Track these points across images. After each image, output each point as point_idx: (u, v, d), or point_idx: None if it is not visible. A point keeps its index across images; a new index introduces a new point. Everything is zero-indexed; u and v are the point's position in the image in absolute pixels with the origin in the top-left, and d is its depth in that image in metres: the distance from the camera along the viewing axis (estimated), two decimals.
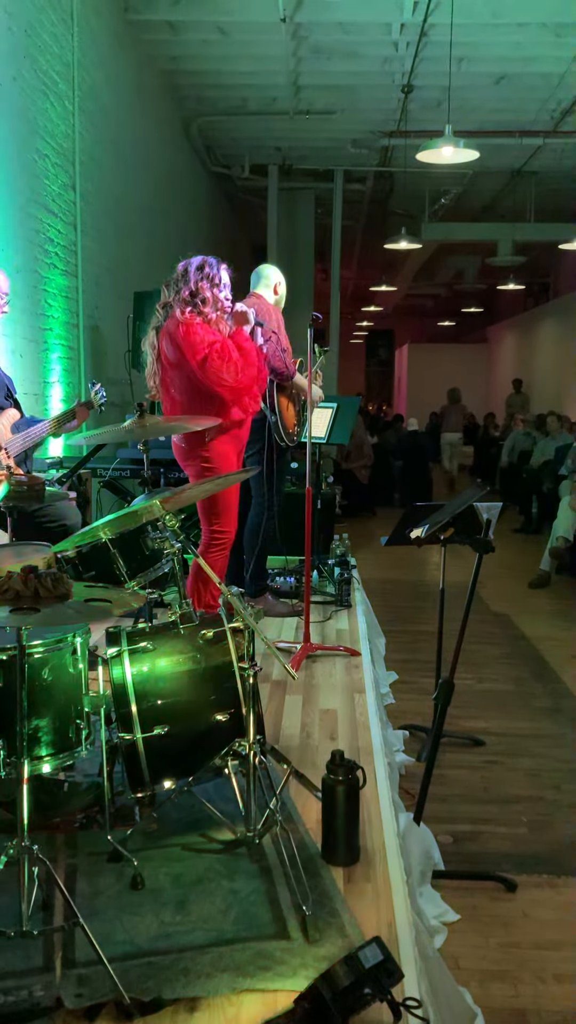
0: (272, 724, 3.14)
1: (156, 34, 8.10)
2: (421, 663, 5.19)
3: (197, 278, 3.62)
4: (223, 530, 3.81)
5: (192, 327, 3.58)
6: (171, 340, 3.63)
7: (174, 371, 3.68)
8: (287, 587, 4.96)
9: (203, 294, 3.61)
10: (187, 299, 3.62)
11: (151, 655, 2.38)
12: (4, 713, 2.06)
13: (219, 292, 3.65)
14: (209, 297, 3.62)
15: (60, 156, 6.11)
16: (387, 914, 2.03)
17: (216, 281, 3.64)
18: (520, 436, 12.93)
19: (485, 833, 3.38)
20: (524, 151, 11.05)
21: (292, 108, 9.97)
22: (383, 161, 11.76)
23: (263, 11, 7.49)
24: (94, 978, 1.78)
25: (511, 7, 7.42)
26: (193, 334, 3.57)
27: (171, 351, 3.64)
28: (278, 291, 4.52)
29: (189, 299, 3.61)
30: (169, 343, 3.64)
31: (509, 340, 21.59)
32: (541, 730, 4.43)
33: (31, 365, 5.67)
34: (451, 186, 12.66)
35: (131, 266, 7.99)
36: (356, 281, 21.24)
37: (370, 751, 2.95)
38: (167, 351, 3.66)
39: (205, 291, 3.61)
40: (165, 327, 3.67)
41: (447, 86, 7.75)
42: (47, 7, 5.76)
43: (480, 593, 7.04)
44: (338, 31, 8.01)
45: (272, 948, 1.89)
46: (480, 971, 2.55)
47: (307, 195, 13.37)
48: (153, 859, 2.23)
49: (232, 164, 12.18)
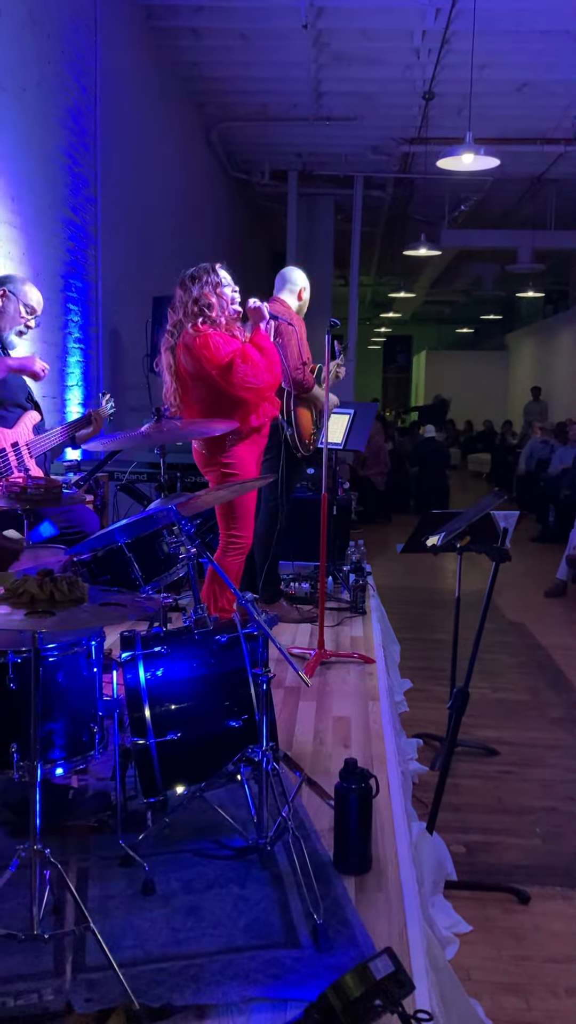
0: (285, 731, 3.13)
1: (178, 40, 8.14)
2: (435, 671, 5.17)
3: (198, 287, 3.63)
4: (241, 535, 3.82)
5: (209, 337, 3.58)
6: (189, 352, 3.63)
7: (193, 383, 3.69)
8: (302, 593, 4.95)
9: (207, 299, 3.61)
10: (195, 312, 3.62)
11: (165, 659, 2.38)
12: (18, 716, 2.06)
13: (223, 291, 3.66)
14: (214, 302, 3.62)
15: (81, 161, 6.14)
16: (399, 924, 2.02)
17: (216, 282, 3.64)
18: (538, 444, 12.88)
19: (498, 844, 3.36)
20: (545, 158, 11.01)
21: (313, 114, 9.99)
22: (403, 167, 11.75)
23: (285, 18, 7.51)
24: (104, 983, 1.77)
25: (533, 15, 7.40)
26: (212, 344, 3.57)
27: (190, 363, 3.65)
28: (302, 297, 4.50)
29: (197, 312, 3.62)
30: (188, 355, 3.64)
31: (528, 347, 21.52)
32: (556, 740, 4.40)
33: (50, 369, 5.69)
34: (471, 193, 12.64)
35: (150, 271, 8.02)
36: (375, 287, 21.25)
37: (383, 759, 2.94)
38: (185, 363, 3.67)
39: (209, 296, 3.61)
40: (181, 341, 3.67)
41: (468, 93, 7.73)
42: (71, 13, 5.80)
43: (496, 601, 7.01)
44: (360, 38, 8.02)
45: (282, 956, 1.88)
46: (492, 984, 2.53)
47: (327, 201, 13.38)
48: (164, 864, 2.23)
49: (252, 170, 12.22)
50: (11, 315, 3.50)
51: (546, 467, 11.68)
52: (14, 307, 3.49)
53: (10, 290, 3.46)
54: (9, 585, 1.93)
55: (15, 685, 2.11)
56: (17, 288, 3.48)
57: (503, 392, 23.33)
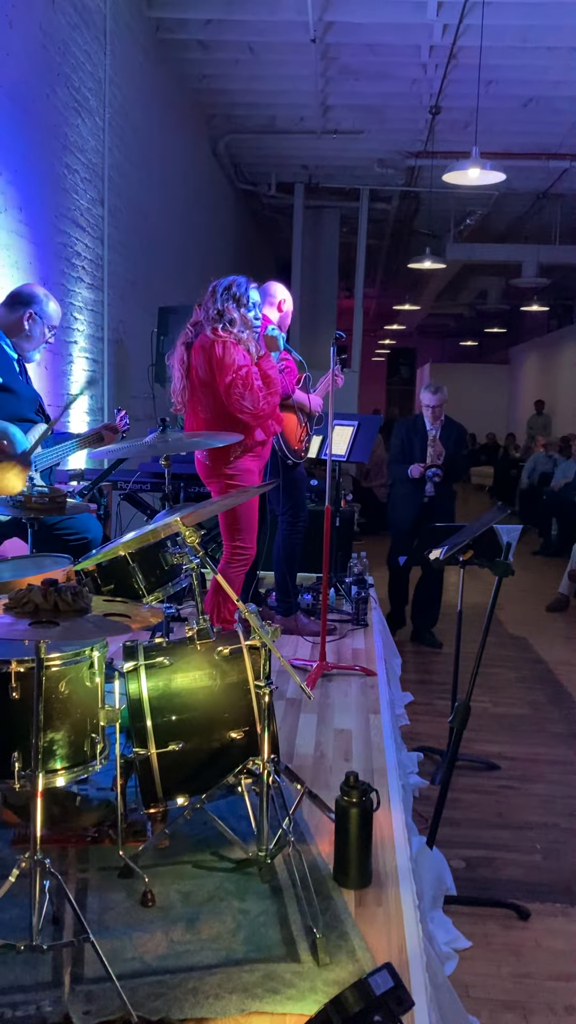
0: (286, 743, 3.13)
1: (187, 53, 8.20)
2: (437, 684, 5.16)
3: (224, 299, 3.64)
4: (245, 546, 3.82)
5: (228, 347, 3.59)
6: (205, 356, 3.64)
7: (203, 388, 3.70)
8: (305, 604, 4.95)
9: (230, 315, 3.62)
10: (216, 318, 3.64)
11: (168, 670, 2.38)
12: (20, 725, 2.06)
13: (247, 312, 3.67)
14: (237, 318, 3.63)
15: (89, 171, 6.18)
16: (398, 939, 2.01)
17: (244, 301, 3.66)
18: (541, 458, 12.89)
19: (498, 859, 3.35)
20: (550, 174, 11.07)
21: (320, 127, 10.05)
22: (409, 181, 11.81)
23: (293, 32, 7.57)
24: (102, 995, 1.77)
25: (540, 31, 7.45)
26: (227, 354, 3.58)
27: (203, 368, 3.66)
28: (282, 308, 4.51)
29: (218, 318, 3.63)
30: (203, 359, 3.66)
31: (532, 361, 21.56)
32: (557, 756, 4.39)
33: (55, 378, 5.72)
34: (476, 207, 12.70)
35: (156, 281, 8.06)
36: (379, 300, 21.30)
37: (384, 773, 2.93)
38: (199, 367, 3.68)
39: (232, 312, 3.63)
40: (198, 343, 3.68)
41: (475, 108, 7.78)
42: (81, 25, 5.85)
43: (497, 615, 7.01)
44: (367, 52, 8.08)
45: (282, 970, 1.87)
46: (491, 1001, 2.52)
47: (332, 213, 13.45)
48: (164, 876, 2.23)
49: (259, 182, 12.28)
50: (37, 338, 3.52)
51: (549, 481, 11.69)
52: (40, 330, 3.51)
53: (36, 312, 3.46)
54: (14, 595, 1.94)
55: (17, 694, 2.11)
56: (43, 311, 3.48)
57: (506, 405, 23.36)
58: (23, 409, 3.41)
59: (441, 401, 5.94)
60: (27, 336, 3.48)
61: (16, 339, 3.47)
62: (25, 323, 3.44)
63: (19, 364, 3.50)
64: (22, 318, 3.44)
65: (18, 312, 3.48)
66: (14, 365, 3.46)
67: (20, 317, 3.44)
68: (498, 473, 17.22)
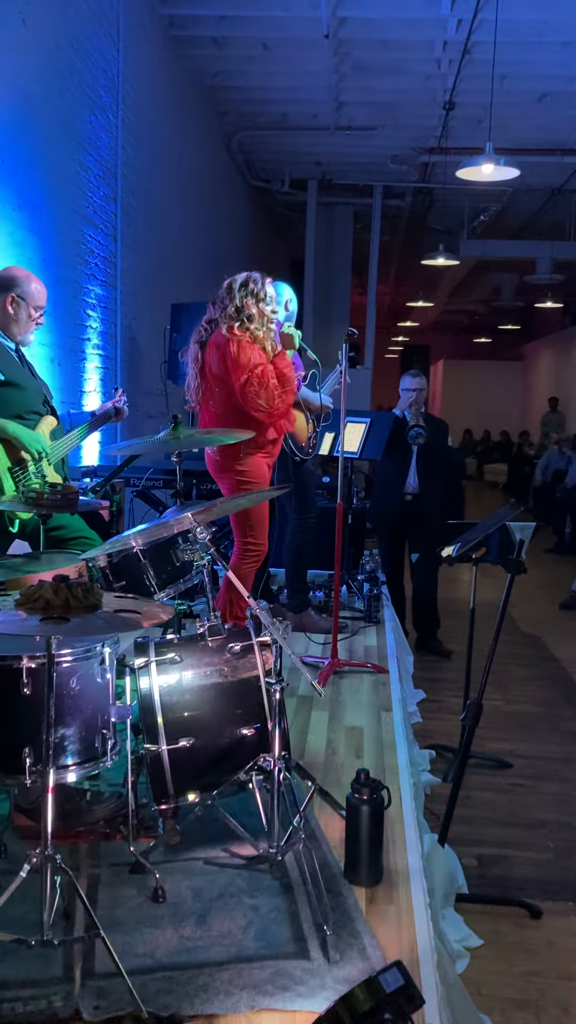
0: (297, 740, 3.13)
1: (200, 49, 8.19)
2: (449, 682, 5.14)
3: (242, 295, 3.63)
4: (257, 542, 3.81)
5: (242, 345, 3.58)
6: (219, 354, 3.64)
7: (217, 385, 3.69)
8: (316, 602, 4.94)
9: (249, 310, 3.61)
10: (233, 315, 3.62)
11: (179, 667, 2.38)
12: (31, 721, 2.07)
13: (265, 307, 3.66)
14: (255, 313, 3.62)
15: (103, 168, 6.18)
16: (409, 937, 2.00)
17: (261, 296, 3.64)
18: (555, 455, 12.83)
19: (510, 857, 3.34)
20: (565, 169, 10.99)
21: (333, 124, 10.02)
22: (422, 177, 11.76)
23: (306, 28, 7.55)
24: (113, 990, 1.77)
25: (555, 26, 7.40)
26: (242, 353, 3.57)
27: (217, 365, 3.65)
28: (288, 308, 4.49)
29: (235, 315, 3.62)
30: (217, 357, 3.65)
31: (546, 358, 21.45)
32: (570, 754, 4.36)
33: (68, 374, 5.73)
34: (490, 203, 12.63)
35: (169, 278, 8.06)
36: (393, 296, 21.23)
37: (396, 770, 2.93)
38: (213, 364, 3.67)
39: (251, 307, 3.61)
40: (213, 340, 3.68)
41: (489, 103, 7.73)
42: (93, 22, 5.85)
43: (510, 613, 6.97)
44: (381, 48, 8.05)
45: (292, 967, 1.87)
46: (502, 999, 2.51)
47: (346, 210, 13.42)
48: (175, 872, 2.23)
49: (272, 178, 12.27)
50: (24, 321, 3.49)
51: (563, 478, 11.63)
52: (25, 312, 3.48)
53: (18, 295, 3.43)
54: (25, 591, 1.94)
55: (29, 690, 2.11)
56: (25, 292, 3.44)
57: (520, 402, 23.25)
58: (30, 402, 3.39)
59: (421, 386, 5.72)
60: (14, 320, 3.44)
61: (4, 326, 3.45)
62: (9, 307, 3.42)
63: (18, 354, 3.48)
64: (5, 303, 3.41)
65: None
66: (13, 356, 3.43)
67: (3, 302, 3.41)
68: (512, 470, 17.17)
